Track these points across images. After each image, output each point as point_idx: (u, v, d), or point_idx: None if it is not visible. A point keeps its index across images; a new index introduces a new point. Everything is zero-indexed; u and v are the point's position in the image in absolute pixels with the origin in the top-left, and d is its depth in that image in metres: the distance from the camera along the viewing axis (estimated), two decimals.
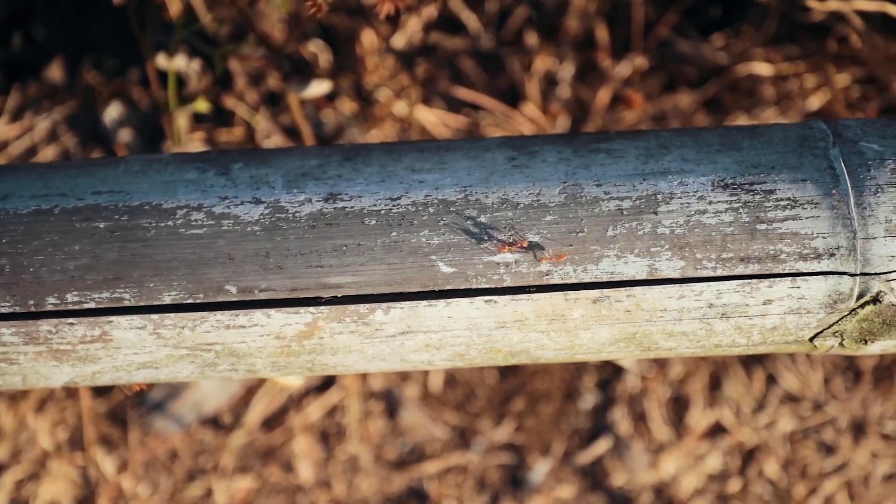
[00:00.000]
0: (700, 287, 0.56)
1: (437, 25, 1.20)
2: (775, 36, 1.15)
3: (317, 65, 1.17)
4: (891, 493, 1.18)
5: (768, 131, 0.61)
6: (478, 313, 0.57)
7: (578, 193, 0.57)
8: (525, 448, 1.20)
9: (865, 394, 1.19)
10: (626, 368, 1.20)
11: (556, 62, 1.18)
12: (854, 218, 0.55)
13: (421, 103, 1.18)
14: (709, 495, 1.19)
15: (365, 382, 1.20)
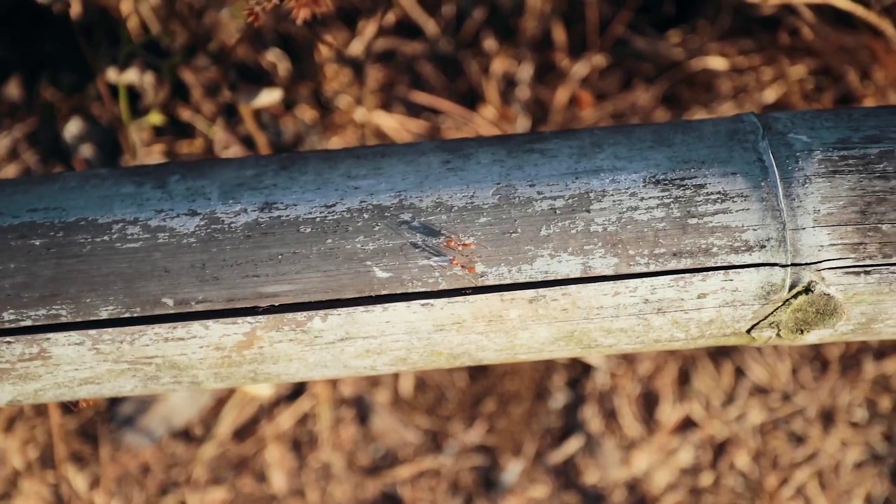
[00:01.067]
0: (634, 283, 0.57)
1: (394, 30, 1.21)
2: (730, 30, 1.16)
3: (275, 74, 1.17)
4: (861, 480, 1.18)
5: (700, 126, 0.61)
6: (415, 317, 0.57)
7: (512, 194, 0.58)
8: (497, 449, 1.20)
9: (833, 383, 1.20)
10: (595, 366, 1.20)
11: (514, 63, 1.19)
12: (783, 209, 0.56)
13: (381, 109, 1.19)
14: (681, 489, 1.19)
15: (335, 389, 1.20)
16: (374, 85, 1.20)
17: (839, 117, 0.60)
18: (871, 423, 1.19)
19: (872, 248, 0.56)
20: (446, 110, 1.16)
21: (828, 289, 0.56)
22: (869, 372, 1.19)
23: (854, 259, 0.56)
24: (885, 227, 0.56)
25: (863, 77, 1.13)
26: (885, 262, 0.56)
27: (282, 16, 1.23)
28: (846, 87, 1.12)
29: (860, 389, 1.20)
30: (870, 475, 1.18)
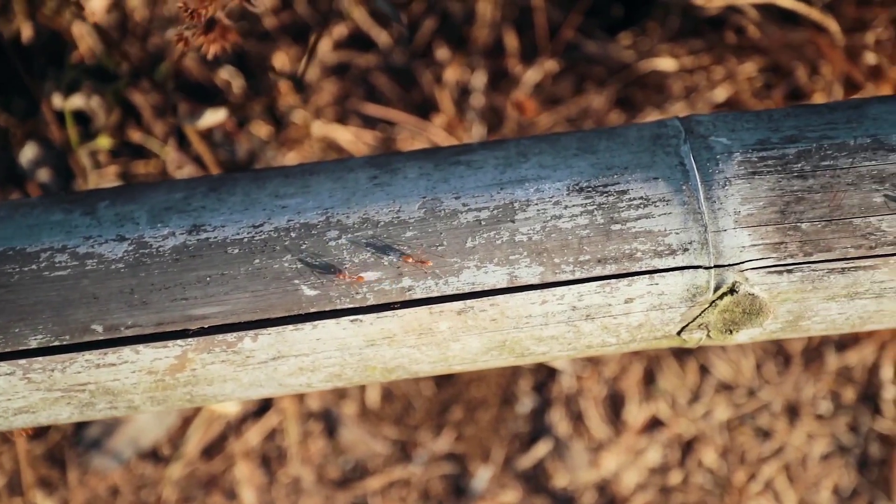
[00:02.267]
0: (561, 291, 0.57)
1: (347, 44, 1.21)
2: (679, 31, 1.17)
3: (229, 91, 1.18)
4: (828, 472, 1.19)
5: (625, 132, 0.62)
6: (345, 333, 0.57)
7: (437, 207, 0.58)
8: (466, 456, 1.20)
9: (797, 376, 1.20)
10: (560, 369, 1.21)
11: (467, 72, 1.20)
12: (704, 212, 0.57)
13: (336, 122, 1.19)
14: (651, 489, 1.19)
15: (302, 404, 1.20)
16: (329, 98, 1.21)
17: (760, 118, 0.61)
18: (835, 414, 1.20)
19: (793, 247, 0.56)
20: (400, 121, 1.17)
21: (752, 289, 0.57)
22: (832, 364, 1.20)
23: (776, 258, 0.56)
24: (805, 226, 0.56)
25: (812, 73, 1.14)
26: (806, 260, 0.56)
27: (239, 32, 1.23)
28: (795, 83, 1.13)
29: (824, 382, 1.20)
30: (837, 466, 1.19)
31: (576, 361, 1.21)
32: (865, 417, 1.20)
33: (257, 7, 0.58)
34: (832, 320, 0.60)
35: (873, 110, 0.60)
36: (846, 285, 0.57)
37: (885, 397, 1.19)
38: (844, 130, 0.59)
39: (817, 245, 0.56)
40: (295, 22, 1.21)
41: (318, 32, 1.18)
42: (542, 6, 1.14)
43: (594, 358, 1.22)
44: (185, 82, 1.19)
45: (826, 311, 0.59)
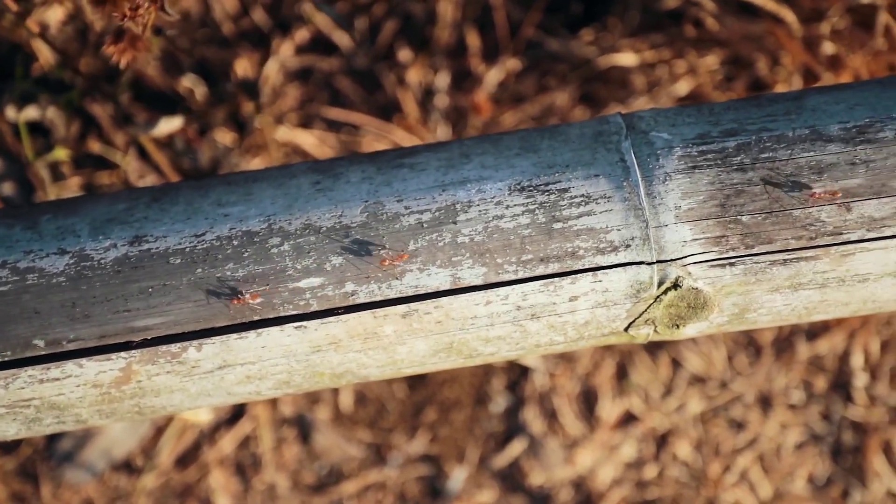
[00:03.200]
0: (505, 291, 0.57)
1: (310, 48, 1.21)
2: (640, 25, 1.17)
3: (192, 99, 1.17)
4: (803, 461, 1.19)
5: (567, 130, 0.62)
6: (290, 340, 0.57)
7: (379, 211, 0.58)
8: (441, 457, 1.20)
9: (768, 367, 1.21)
10: (532, 367, 1.21)
11: (430, 73, 1.19)
12: (645, 208, 0.57)
13: (300, 126, 1.19)
14: (627, 484, 1.20)
15: (276, 410, 1.20)
16: (293, 103, 1.20)
17: (701, 113, 0.61)
18: (808, 404, 1.21)
19: (734, 240, 0.56)
20: (363, 124, 1.17)
21: (695, 283, 0.57)
22: (802, 354, 1.20)
23: (718, 252, 0.57)
24: (745, 219, 0.56)
25: (773, 64, 1.14)
26: (747, 253, 0.56)
27: (197, 41, 1.23)
28: (756, 74, 1.13)
29: (795, 372, 1.21)
30: (811, 455, 1.20)
31: (548, 359, 1.21)
32: (838, 405, 1.20)
33: (172, 17, 0.58)
34: (778, 312, 0.60)
35: (812, 101, 0.60)
36: (789, 276, 0.57)
37: (856, 385, 1.20)
38: (783, 122, 0.59)
39: (758, 237, 0.56)
40: (256, 28, 1.21)
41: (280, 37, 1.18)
42: (502, 5, 1.14)
43: (566, 355, 1.22)
44: (148, 91, 1.19)
45: (771, 302, 0.59)
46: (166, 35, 0.88)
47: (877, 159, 0.56)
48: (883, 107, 0.58)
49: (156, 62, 1.21)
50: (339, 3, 1.20)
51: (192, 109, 1.17)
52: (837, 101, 0.59)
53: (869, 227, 0.56)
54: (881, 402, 1.20)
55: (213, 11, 1.20)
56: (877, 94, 0.59)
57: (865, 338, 1.20)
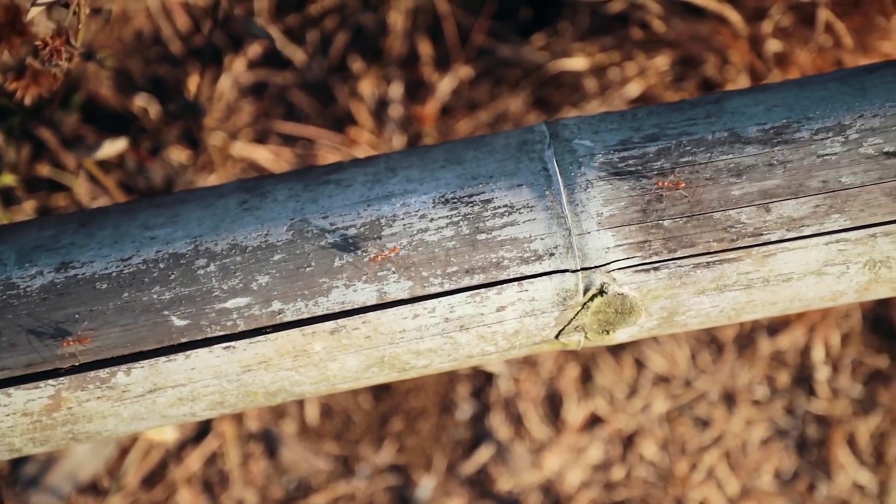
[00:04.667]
0: (431, 304, 0.57)
1: (263, 62, 1.21)
2: (590, 29, 1.17)
3: (146, 117, 1.17)
4: (769, 456, 1.20)
5: (492, 140, 0.62)
6: (220, 361, 0.57)
7: (305, 228, 0.58)
8: (409, 467, 1.20)
9: (731, 364, 1.21)
10: (496, 373, 1.21)
11: (384, 83, 1.20)
12: (567, 216, 0.57)
13: (255, 142, 1.19)
14: (595, 486, 1.20)
15: (241, 425, 1.20)
16: (247, 118, 1.20)
17: (624, 118, 0.61)
18: (772, 399, 1.21)
19: (657, 244, 0.57)
20: (317, 137, 1.17)
21: (621, 288, 0.57)
22: (764, 349, 1.21)
23: (641, 257, 0.57)
24: (667, 223, 0.57)
25: (723, 63, 1.15)
26: (670, 257, 0.57)
27: (150, 59, 1.23)
28: (706, 74, 1.14)
29: (758, 367, 1.21)
30: (776, 450, 1.20)
31: (512, 364, 1.22)
32: (801, 400, 1.21)
33: (77, 49, 0.58)
34: (707, 314, 0.60)
35: (732, 104, 0.60)
36: (713, 279, 0.58)
37: (818, 379, 1.20)
38: (703, 125, 0.59)
39: (680, 241, 0.57)
40: (209, 44, 1.21)
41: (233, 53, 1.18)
42: (450, 13, 1.14)
43: (529, 359, 1.22)
44: (101, 111, 1.19)
45: (699, 305, 0.59)
46: (98, 59, 0.88)
47: (794, 159, 0.57)
48: (800, 107, 0.59)
49: (108, 82, 1.21)
50: (290, 17, 1.20)
51: (145, 128, 1.17)
52: (756, 103, 0.60)
53: (788, 227, 0.56)
54: (844, 395, 1.20)
55: (163, 30, 1.20)
56: (794, 94, 0.60)
57: (825, 331, 1.20)
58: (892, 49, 1.01)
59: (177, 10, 1.20)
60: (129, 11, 1.20)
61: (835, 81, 0.60)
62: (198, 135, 1.14)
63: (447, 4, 1.15)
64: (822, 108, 0.58)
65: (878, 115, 0.57)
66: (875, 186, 0.56)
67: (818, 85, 0.60)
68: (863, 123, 0.57)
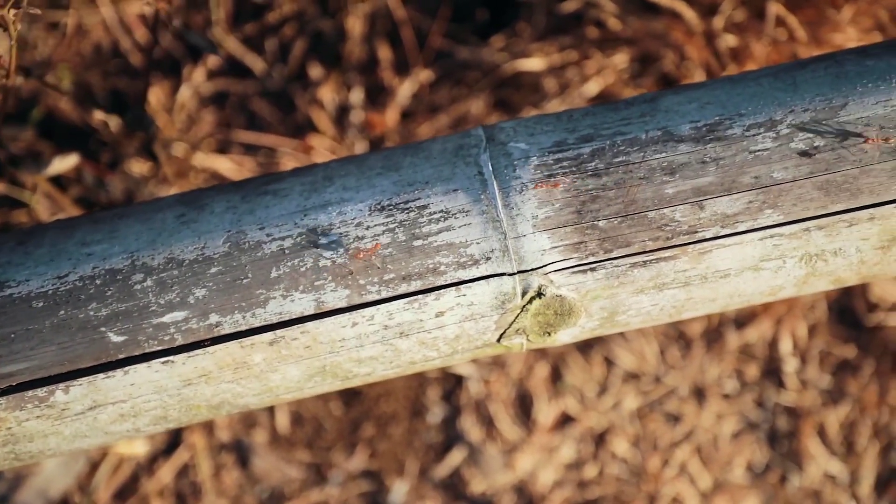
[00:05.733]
0: (370, 311, 0.57)
1: (223, 72, 1.21)
2: (548, 29, 1.17)
3: (107, 130, 1.17)
4: (740, 449, 1.20)
5: (430, 146, 0.62)
6: (159, 376, 0.57)
7: (242, 240, 0.58)
8: (382, 472, 1.20)
9: (700, 359, 1.22)
10: (466, 376, 1.21)
11: (344, 89, 1.20)
12: (503, 220, 0.57)
13: (217, 151, 1.19)
14: (568, 485, 1.20)
15: (212, 436, 1.20)
16: (208, 128, 1.20)
17: (559, 120, 0.61)
18: (741, 392, 1.21)
19: (593, 245, 0.57)
20: (278, 146, 1.16)
21: (559, 290, 0.57)
22: (733, 343, 1.21)
23: (577, 258, 0.57)
24: (602, 224, 0.57)
25: (681, 59, 1.15)
26: (607, 257, 0.57)
27: (110, 72, 1.22)
28: (664, 70, 1.14)
29: (727, 361, 1.22)
30: (748, 443, 1.20)
31: (482, 365, 1.22)
32: (770, 392, 1.21)
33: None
34: (647, 312, 0.60)
35: (666, 102, 0.60)
36: (651, 277, 0.58)
37: (787, 370, 1.21)
38: (637, 125, 0.59)
39: (616, 241, 0.57)
40: (168, 56, 1.20)
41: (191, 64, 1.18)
42: (406, 18, 1.14)
43: (499, 360, 1.22)
44: (61, 126, 1.18)
45: (638, 304, 0.60)
46: (36, 76, 0.87)
47: (726, 156, 0.57)
48: (732, 104, 0.59)
49: (67, 96, 1.20)
50: (249, 26, 1.20)
51: (105, 142, 1.16)
52: (690, 101, 0.60)
53: (723, 224, 0.56)
54: (812, 386, 1.21)
55: (122, 42, 1.20)
56: (727, 91, 0.60)
57: (792, 323, 1.21)
58: (845, 41, 1.01)
59: (134, 23, 1.20)
60: (86, 25, 1.20)
61: (767, 77, 0.61)
62: (156, 146, 1.14)
63: (403, 9, 1.15)
64: (753, 104, 0.58)
65: (809, 109, 0.57)
66: (807, 181, 0.56)
67: (751, 81, 0.61)
68: (793, 118, 0.57)
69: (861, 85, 0.58)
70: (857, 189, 0.56)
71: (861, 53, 0.60)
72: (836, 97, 0.57)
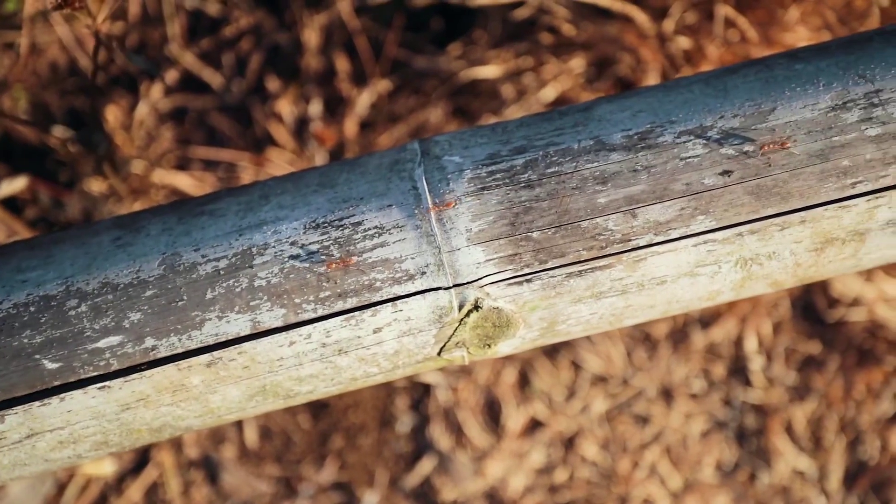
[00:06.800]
0: (307, 330, 0.57)
1: (181, 88, 1.20)
2: (506, 36, 1.18)
3: (64, 150, 1.16)
4: (709, 448, 1.21)
5: (366, 161, 0.62)
6: (96, 401, 0.57)
7: (177, 262, 0.58)
8: (352, 483, 1.20)
9: (667, 359, 1.22)
10: (434, 384, 1.21)
11: (303, 102, 1.19)
12: (437, 234, 0.57)
13: (177, 167, 1.18)
14: (539, 490, 1.20)
15: (181, 453, 1.19)
16: (168, 144, 1.20)
17: (494, 132, 0.61)
18: (709, 391, 1.22)
19: (527, 256, 0.57)
20: (237, 160, 1.16)
21: (496, 302, 0.57)
22: (698, 342, 1.22)
23: (513, 270, 0.57)
24: (536, 235, 0.57)
25: (637, 62, 1.15)
26: (542, 268, 0.57)
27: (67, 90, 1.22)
28: (620, 73, 1.15)
29: (693, 361, 1.22)
30: (716, 442, 1.21)
31: (449, 373, 1.22)
32: (738, 390, 1.22)
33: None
34: (587, 321, 0.61)
35: (600, 111, 0.61)
36: (588, 287, 0.58)
37: (753, 368, 1.21)
38: (570, 135, 0.59)
39: (550, 252, 0.57)
40: (125, 73, 1.20)
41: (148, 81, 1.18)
42: (360, 29, 1.14)
43: (466, 367, 1.22)
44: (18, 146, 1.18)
45: (577, 313, 0.60)
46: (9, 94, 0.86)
47: (657, 164, 0.57)
48: (664, 111, 0.59)
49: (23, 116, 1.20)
50: (205, 41, 1.20)
51: (63, 161, 1.16)
52: (623, 109, 0.60)
53: (656, 232, 0.57)
54: (779, 383, 1.21)
55: (79, 60, 1.19)
56: (660, 98, 0.60)
57: (757, 321, 1.21)
58: (795, 40, 1.02)
59: (90, 41, 1.19)
60: (40, 44, 1.19)
61: (699, 83, 0.61)
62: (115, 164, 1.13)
63: (356, 19, 1.15)
64: (685, 111, 0.59)
65: (738, 115, 0.58)
66: (737, 186, 0.56)
67: (683, 88, 0.61)
68: (723, 124, 0.57)
69: (789, 89, 0.58)
70: (787, 193, 0.56)
71: (791, 57, 0.61)
72: (766, 102, 0.58)
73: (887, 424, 1.19)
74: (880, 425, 1.20)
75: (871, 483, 1.19)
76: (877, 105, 0.56)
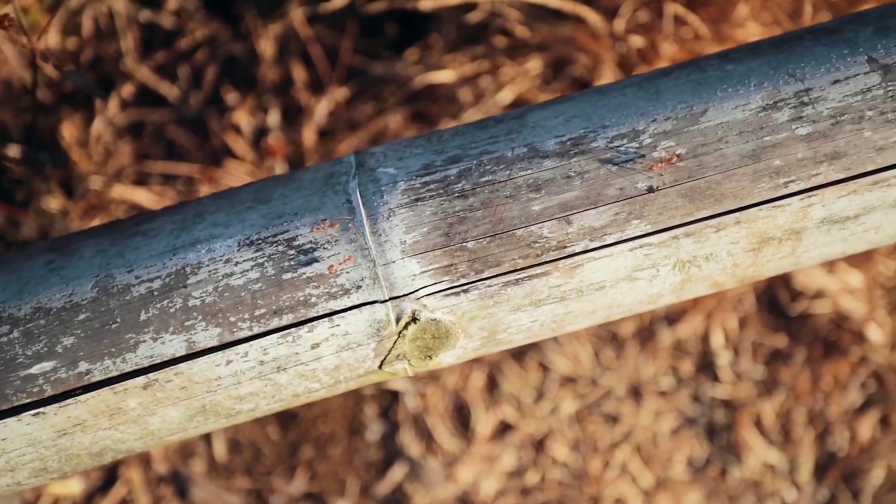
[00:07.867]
0: (243, 348, 0.56)
1: (137, 102, 1.20)
2: (462, 40, 1.17)
3: (19, 169, 1.15)
4: (679, 445, 1.21)
5: (301, 176, 0.62)
6: (31, 428, 0.56)
7: (110, 284, 0.57)
8: (323, 493, 1.19)
9: (635, 358, 1.22)
10: (402, 391, 1.20)
11: (261, 112, 1.19)
12: (371, 247, 0.56)
13: (135, 182, 1.17)
14: (511, 493, 1.20)
15: (149, 469, 1.18)
16: (126, 160, 1.19)
17: (429, 142, 0.61)
18: (677, 388, 1.22)
19: (463, 266, 0.56)
20: (194, 174, 1.15)
21: (433, 314, 0.57)
22: (665, 340, 1.22)
23: (449, 281, 0.57)
24: (471, 245, 0.56)
25: (593, 62, 1.15)
26: (478, 278, 0.57)
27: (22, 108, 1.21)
28: (576, 74, 1.15)
29: (661, 359, 1.22)
30: (686, 438, 1.21)
31: (417, 379, 1.21)
32: (706, 386, 1.22)
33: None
34: (528, 328, 0.60)
35: (533, 118, 0.60)
36: (526, 294, 0.58)
37: (720, 364, 1.21)
38: (504, 143, 0.59)
39: (486, 261, 0.56)
40: (79, 89, 1.19)
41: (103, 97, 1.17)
42: (313, 37, 1.14)
43: (434, 373, 1.22)
44: None
45: (517, 321, 0.59)
46: None
47: (590, 170, 0.57)
48: (597, 115, 0.59)
49: None
50: (160, 53, 1.19)
51: (18, 180, 1.15)
52: (556, 115, 0.60)
53: (591, 238, 0.56)
54: (746, 377, 1.22)
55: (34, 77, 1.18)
56: (593, 103, 0.60)
57: (722, 316, 1.22)
58: (747, 36, 1.02)
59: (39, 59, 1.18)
60: None
61: (632, 87, 0.61)
62: (55, 184, 1.12)
63: (309, 28, 1.14)
64: (617, 115, 0.58)
65: (671, 117, 0.57)
66: (671, 189, 0.56)
67: (616, 92, 0.61)
68: (656, 127, 0.57)
69: (721, 90, 0.58)
70: (721, 194, 0.56)
71: (722, 58, 0.61)
72: (697, 103, 0.58)
73: (855, 415, 1.20)
74: (849, 416, 1.20)
75: (841, 474, 1.20)
76: (807, 104, 0.56)
